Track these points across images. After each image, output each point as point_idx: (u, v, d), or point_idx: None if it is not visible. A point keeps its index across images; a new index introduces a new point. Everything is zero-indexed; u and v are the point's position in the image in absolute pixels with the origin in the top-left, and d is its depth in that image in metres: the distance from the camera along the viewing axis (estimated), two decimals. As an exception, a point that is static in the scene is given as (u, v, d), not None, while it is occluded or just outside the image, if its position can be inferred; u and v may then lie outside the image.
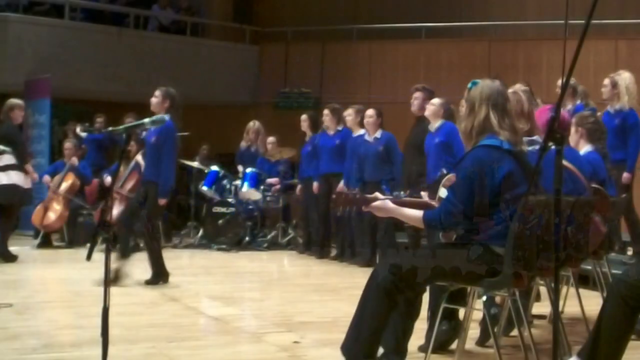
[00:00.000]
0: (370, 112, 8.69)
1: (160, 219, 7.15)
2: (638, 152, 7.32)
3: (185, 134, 10.59)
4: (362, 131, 8.89)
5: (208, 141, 12.30)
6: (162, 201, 6.87)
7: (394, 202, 3.74)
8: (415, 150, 7.61)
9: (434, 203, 3.80)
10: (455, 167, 3.77)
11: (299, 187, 10.08)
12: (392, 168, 8.39)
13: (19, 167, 8.34)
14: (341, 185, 8.88)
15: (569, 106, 7.60)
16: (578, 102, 7.77)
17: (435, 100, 7.29)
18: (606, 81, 7.40)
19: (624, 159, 7.16)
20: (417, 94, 7.85)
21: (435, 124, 7.21)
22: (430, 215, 3.61)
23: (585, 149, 5.25)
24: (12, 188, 8.22)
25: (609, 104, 7.43)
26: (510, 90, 4.34)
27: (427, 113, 7.30)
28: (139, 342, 4.69)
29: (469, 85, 3.78)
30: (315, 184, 9.37)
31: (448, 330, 4.37)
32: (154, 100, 6.93)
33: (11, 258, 8.31)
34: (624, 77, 7.31)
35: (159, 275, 7.01)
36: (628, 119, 7.20)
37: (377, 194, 3.80)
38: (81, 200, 10.20)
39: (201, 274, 7.58)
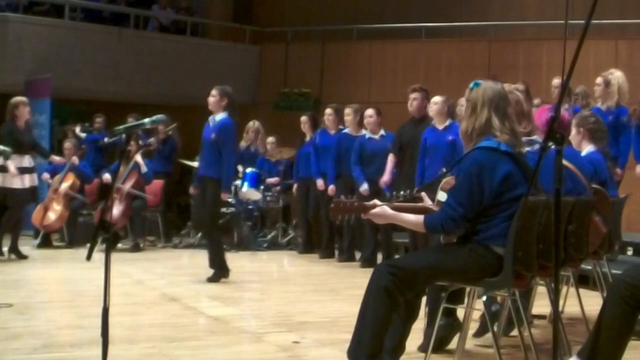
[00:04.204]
0: (369, 111, 8.72)
1: (219, 214, 7.44)
2: (630, 149, 7.40)
3: (174, 125, 10.66)
4: (362, 131, 8.93)
5: (208, 141, 12.29)
6: (225, 196, 7.13)
7: (393, 208, 3.72)
8: (415, 151, 7.65)
9: (434, 207, 3.79)
10: (454, 169, 3.76)
11: (295, 186, 10.12)
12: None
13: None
14: (320, 183, 9.15)
15: (566, 106, 7.63)
16: (572, 103, 7.83)
17: (437, 99, 7.32)
18: (599, 80, 7.50)
19: (616, 156, 7.23)
20: (416, 94, 7.86)
21: (443, 123, 7.25)
22: (431, 220, 3.60)
23: (587, 149, 5.25)
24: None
25: (600, 101, 7.53)
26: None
27: (432, 113, 7.34)
28: (139, 342, 4.69)
29: (471, 85, 3.77)
30: (320, 182, 9.36)
31: (445, 325, 4.36)
32: (211, 99, 7.15)
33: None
34: (617, 76, 7.39)
35: (221, 271, 7.12)
36: (620, 116, 7.29)
37: (376, 201, 3.79)
38: (81, 201, 10.20)
39: (201, 274, 7.56)
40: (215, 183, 7.03)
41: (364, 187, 8.56)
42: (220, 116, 7.11)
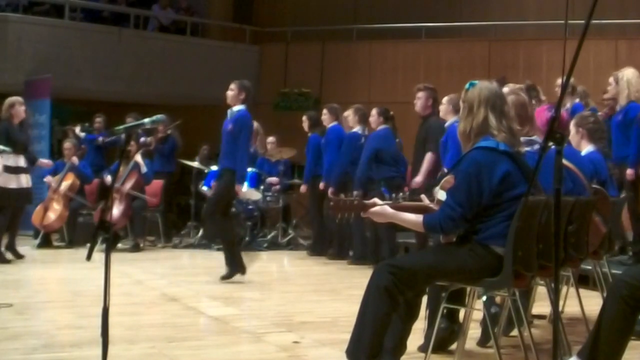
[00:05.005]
0: (372, 111, 8.78)
1: (230, 206, 7.68)
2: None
3: (176, 123, 10.66)
4: (357, 128, 8.97)
5: (208, 141, 12.29)
6: (238, 187, 7.17)
7: (393, 207, 3.72)
8: (419, 149, 7.67)
9: (434, 206, 3.78)
10: (453, 169, 3.76)
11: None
12: (387, 167, 8.39)
13: (11, 168, 8.39)
14: (322, 184, 9.08)
15: (567, 105, 7.59)
16: (577, 100, 7.77)
17: (444, 99, 7.36)
18: (610, 79, 7.38)
19: (626, 155, 7.01)
20: (420, 94, 7.87)
21: (448, 122, 7.28)
22: (431, 220, 3.59)
23: (587, 149, 5.25)
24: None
25: (616, 101, 7.33)
26: (506, 90, 4.35)
27: (441, 114, 7.38)
28: (139, 342, 4.69)
29: (467, 86, 3.78)
30: (321, 184, 9.39)
31: (446, 327, 4.36)
32: (229, 93, 7.26)
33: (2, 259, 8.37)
34: (626, 73, 7.26)
35: (233, 268, 7.13)
36: (629, 112, 7.10)
37: (376, 200, 3.78)
38: (81, 200, 10.20)
39: (201, 274, 7.57)
40: (230, 173, 7.13)
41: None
42: (237, 108, 7.24)
